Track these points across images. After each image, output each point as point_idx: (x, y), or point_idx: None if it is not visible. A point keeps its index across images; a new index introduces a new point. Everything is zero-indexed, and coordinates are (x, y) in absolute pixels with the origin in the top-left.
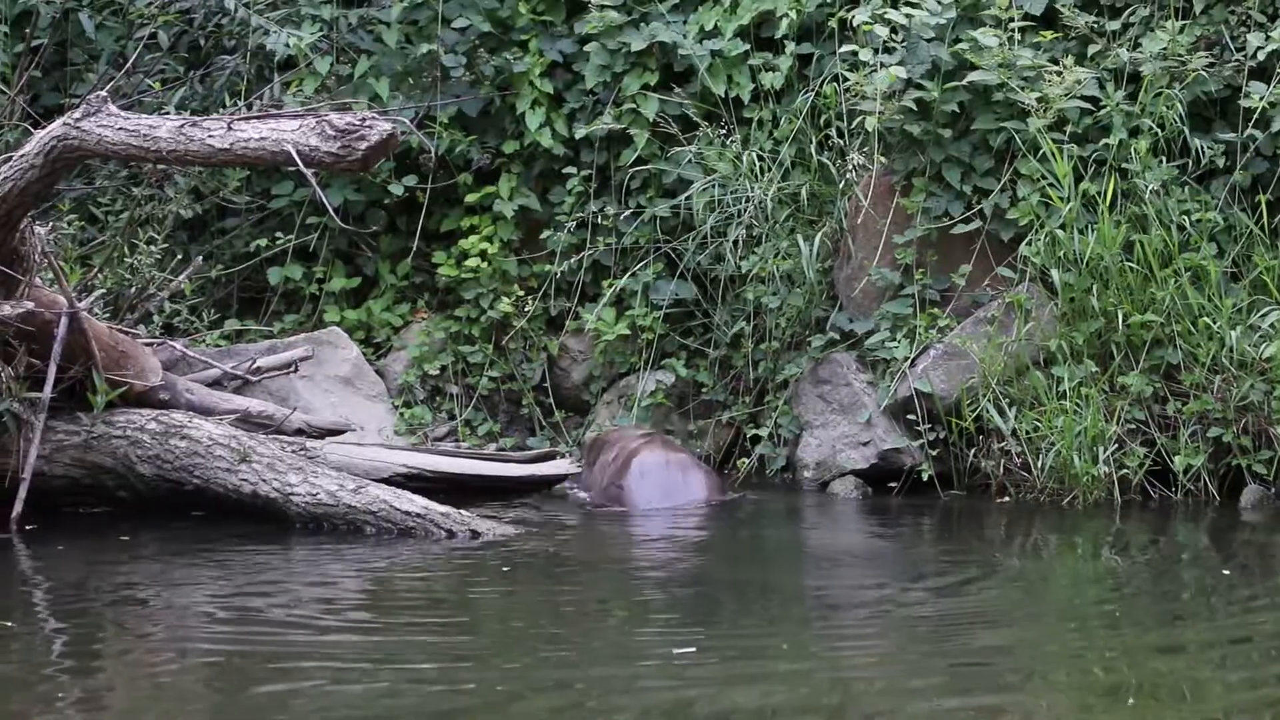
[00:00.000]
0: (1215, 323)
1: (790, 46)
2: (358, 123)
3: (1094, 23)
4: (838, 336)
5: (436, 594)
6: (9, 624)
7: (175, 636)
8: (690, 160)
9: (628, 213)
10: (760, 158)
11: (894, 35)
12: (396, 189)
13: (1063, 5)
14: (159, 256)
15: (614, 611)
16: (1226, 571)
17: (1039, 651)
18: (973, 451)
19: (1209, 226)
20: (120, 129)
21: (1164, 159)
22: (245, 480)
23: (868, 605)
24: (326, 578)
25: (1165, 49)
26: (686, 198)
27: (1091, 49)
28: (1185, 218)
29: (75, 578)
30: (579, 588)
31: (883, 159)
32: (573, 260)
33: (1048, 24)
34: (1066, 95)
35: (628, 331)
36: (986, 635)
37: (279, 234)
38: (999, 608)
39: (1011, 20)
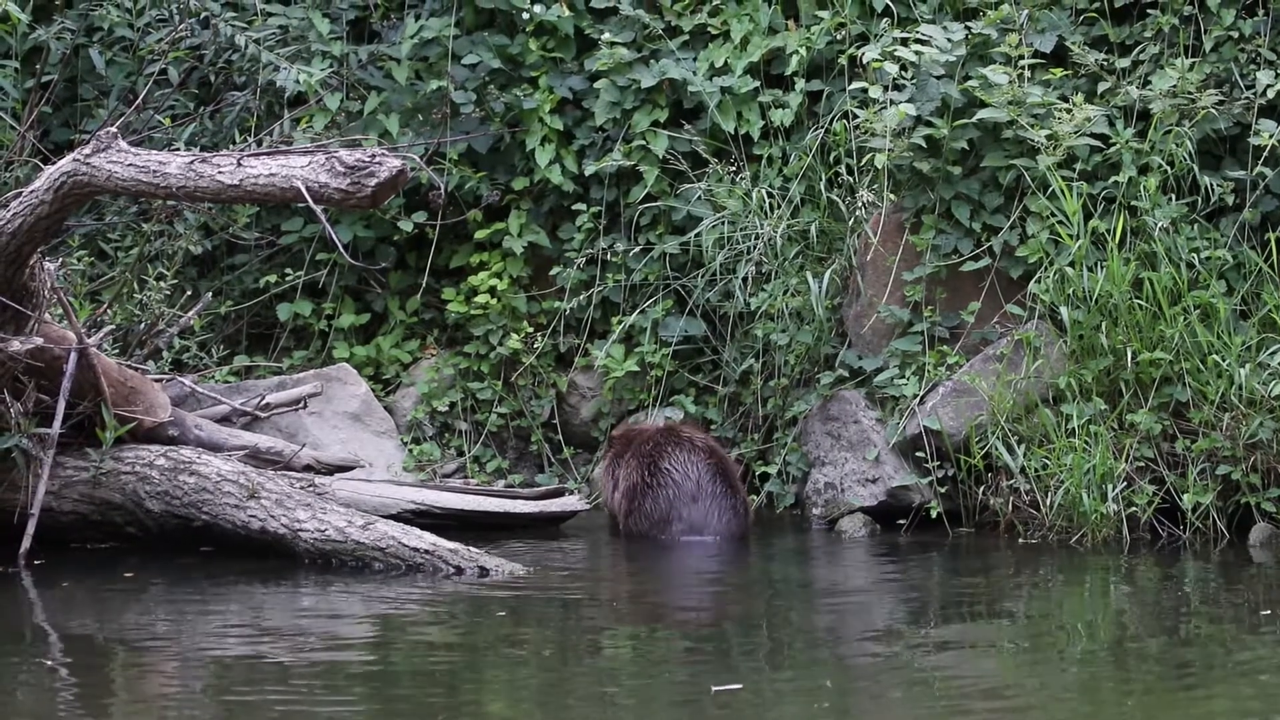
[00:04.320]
0: (1224, 360)
1: (800, 83)
2: (367, 159)
3: (1104, 60)
4: (847, 374)
5: (448, 636)
6: (15, 660)
7: (181, 675)
8: (700, 197)
9: (637, 249)
10: (770, 195)
11: (904, 72)
12: (406, 225)
13: (1072, 43)
14: (168, 292)
15: (622, 647)
16: (1266, 612)
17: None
18: (981, 489)
19: (1218, 264)
20: (130, 165)
21: (1173, 196)
22: (254, 516)
23: (874, 648)
24: (335, 616)
25: (1175, 87)
26: (696, 234)
27: (1101, 86)
28: (1194, 255)
29: (81, 614)
30: (590, 625)
31: (892, 196)
32: (582, 297)
33: (1058, 61)
34: (1076, 133)
35: (637, 368)
36: (989, 681)
37: (288, 270)
38: (1004, 658)
39: (1021, 58)
